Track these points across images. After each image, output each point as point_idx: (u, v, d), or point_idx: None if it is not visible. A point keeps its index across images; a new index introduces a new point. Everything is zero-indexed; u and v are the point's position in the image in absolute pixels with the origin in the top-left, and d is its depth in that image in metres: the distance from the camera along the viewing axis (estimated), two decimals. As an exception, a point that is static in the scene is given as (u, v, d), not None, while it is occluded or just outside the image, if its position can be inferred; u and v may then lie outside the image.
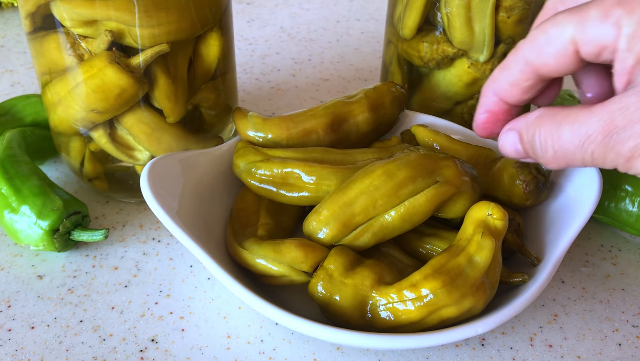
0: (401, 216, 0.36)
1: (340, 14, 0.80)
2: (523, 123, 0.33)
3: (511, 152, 0.34)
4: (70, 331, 0.38)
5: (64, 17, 0.38)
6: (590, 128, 0.29)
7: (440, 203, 0.37)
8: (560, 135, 0.30)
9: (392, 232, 0.37)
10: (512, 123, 0.34)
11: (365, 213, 0.36)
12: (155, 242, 0.45)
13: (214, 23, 0.43)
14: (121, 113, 0.41)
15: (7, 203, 0.42)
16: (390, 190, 0.36)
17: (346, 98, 0.45)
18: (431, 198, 0.36)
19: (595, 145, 0.28)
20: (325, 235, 0.36)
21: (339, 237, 0.36)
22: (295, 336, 0.38)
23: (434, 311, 0.33)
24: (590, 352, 0.38)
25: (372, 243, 0.37)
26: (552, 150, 0.31)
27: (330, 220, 0.36)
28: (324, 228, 0.36)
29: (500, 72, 0.34)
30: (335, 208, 0.36)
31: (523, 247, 0.38)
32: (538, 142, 0.31)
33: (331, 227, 0.36)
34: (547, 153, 0.31)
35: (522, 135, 0.33)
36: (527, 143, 0.32)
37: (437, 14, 0.46)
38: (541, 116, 0.31)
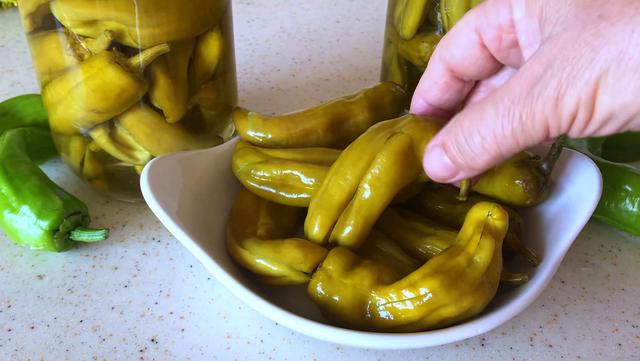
0: (371, 183, 0.35)
1: (340, 14, 0.80)
2: (443, 132, 0.32)
3: (439, 171, 0.32)
4: (70, 331, 0.38)
5: (64, 17, 0.38)
6: (512, 94, 0.27)
7: (404, 157, 0.35)
8: (484, 117, 0.28)
9: (373, 205, 0.36)
10: (432, 141, 0.33)
11: (340, 191, 0.36)
12: (155, 242, 0.45)
13: (214, 23, 0.43)
14: (121, 113, 0.41)
15: (7, 203, 0.42)
16: (354, 158, 0.36)
17: (346, 99, 0.45)
18: (389, 152, 0.35)
19: (521, 105, 0.27)
20: (316, 227, 0.37)
21: (327, 223, 0.36)
22: (295, 336, 0.38)
23: (434, 311, 0.33)
24: (590, 352, 0.38)
25: (363, 226, 0.36)
26: (480, 139, 0.29)
27: (315, 210, 0.37)
28: (314, 221, 0.37)
29: (424, 75, 0.36)
30: (317, 199, 0.37)
31: (523, 246, 0.38)
32: (462, 138, 0.30)
33: (317, 216, 0.36)
34: (476, 147, 0.29)
35: (445, 143, 0.31)
36: (453, 148, 0.31)
37: (437, 14, 0.46)
38: (460, 114, 0.30)
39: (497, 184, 0.40)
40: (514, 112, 0.27)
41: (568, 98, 0.25)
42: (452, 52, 0.34)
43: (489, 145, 0.29)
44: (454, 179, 0.32)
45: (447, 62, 0.34)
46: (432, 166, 0.33)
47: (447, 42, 0.34)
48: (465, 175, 0.32)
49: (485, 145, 0.29)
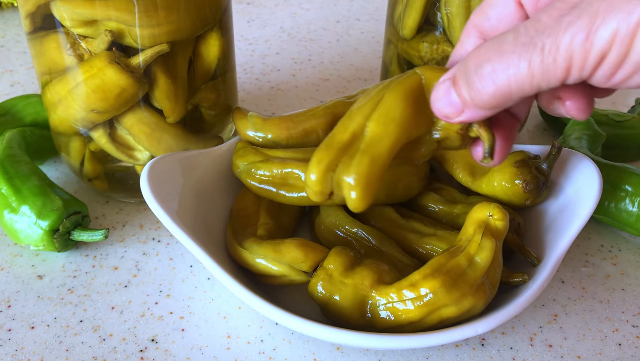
0: (378, 119, 0.32)
1: (340, 14, 0.80)
2: (457, 65, 0.29)
3: (443, 107, 0.29)
4: (70, 331, 0.38)
5: (64, 17, 0.38)
6: (538, 23, 0.24)
7: (414, 95, 0.32)
8: (502, 45, 0.25)
9: (382, 143, 0.31)
10: (444, 75, 0.30)
11: (343, 129, 0.32)
12: (155, 242, 0.45)
13: (214, 23, 0.43)
14: (121, 113, 0.41)
15: (7, 203, 0.42)
16: (363, 101, 0.33)
17: (346, 99, 0.45)
18: (398, 89, 0.32)
19: (546, 34, 0.24)
20: (313, 167, 0.32)
21: (326, 160, 0.31)
22: (295, 336, 0.38)
23: (434, 311, 0.33)
24: (590, 352, 0.38)
25: (370, 166, 0.31)
26: (491, 69, 0.26)
27: (314, 154, 0.32)
28: (311, 162, 0.32)
29: (455, 48, 0.33)
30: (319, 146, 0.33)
31: (523, 247, 0.38)
32: (472, 67, 0.27)
33: (315, 155, 0.32)
34: (484, 77, 0.26)
35: (455, 75, 0.28)
36: (461, 79, 0.28)
37: (437, 13, 0.46)
38: (481, 44, 0.27)
39: (497, 184, 0.40)
40: (537, 42, 0.24)
41: (603, 31, 0.22)
42: (488, 14, 0.31)
43: (497, 77, 0.26)
44: (458, 118, 0.29)
45: (480, 29, 0.31)
46: (437, 99, 0.30)
47: (482, 7, 0.31)
48: (469, 116, 0.29)
49: (494, 76, 0.26)
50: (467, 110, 0.29)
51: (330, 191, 0.32)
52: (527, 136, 0.57)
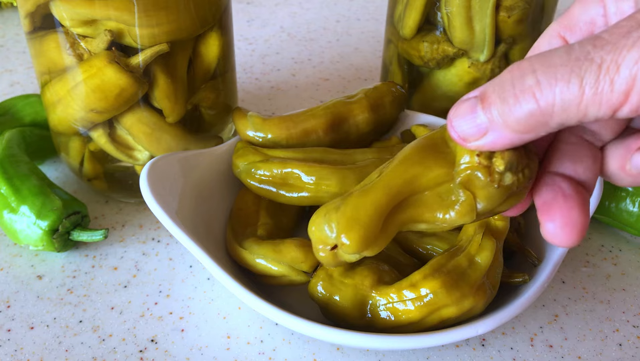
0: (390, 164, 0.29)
1: (341, 14, 0.80)
2: (490, 81, 0.24)
3: (464, 123, 0.24)
4: (69, 331, 0.38)
5: (64, 16, 0.38)
6: (597, 40, 0.20)
7: (425, 148, 0.28)
8: (552, 58, 0.21)
9: (373, 188, 0.29)
10: (473, 91, 0.25)
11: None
12: (154, 242, 0.45)
13: (213, 23, 0.43)
14: (121, 113, 0.41)
15: (6, 203, 0.42)
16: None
17: (346, 98, 0.45)
18: (411, 145, 0.29)
19: (606, 51, 0.20)
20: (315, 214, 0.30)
21: (323, 208, 0.30)
22: (295, 337, 0.38)
23: (434, 311, 0.33)
24: (591, 352, 0.38)
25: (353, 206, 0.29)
26: (534, 81, 0.21)
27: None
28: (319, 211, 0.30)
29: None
30: None
31: (524, 247, 0.38)
32: (510, 79, 0.22)
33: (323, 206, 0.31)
34: (523, 89, 0.21)
35: (486, 90, 0.23)
36: (493, 94, 0.23)
37: (438, 13, 0.46)
38: (519, 61, 0.23)
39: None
40: (594, 56, 0.20)
41: None
42: (573, 21, 0.26)
43: (541, 91, 0.21)
44: (476, 143, 0.24)
45: (561, 35, 0.27)
46: (457, 115, 0.24)
47: (568, 16, 0.26)
48: (492, 140, 0.24)
49: (537, 89, 0.21)
50: (492, 132, 0.23)
51: (334, 244, 0.29)
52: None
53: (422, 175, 0.28)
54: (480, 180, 0.26)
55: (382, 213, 0.28)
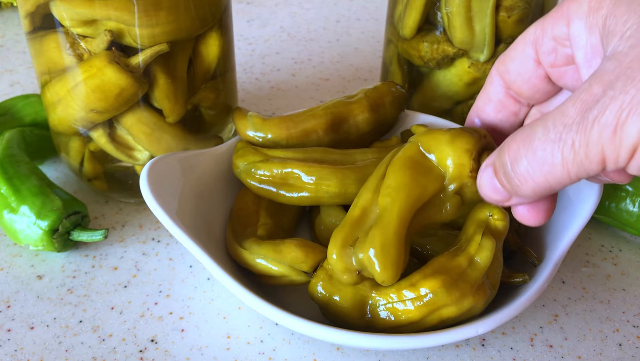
0: (383, 194, 0.33)
1: (341, 14, 0.80)
2: (494, 152, 0.29)
3: (491, 193, 0.30)
4: (69, 331, 0.38)
5: (64, 16, 0.38)
6: (565, 117, 0.24)
7: (414, 162, 0.34)
8: (533, 141, 0.25)
9: (390, 212, 0.33)
10: (486, 160, 0.30)
11: (353, 207, 0.34)
12: (154, 242, 0.45)
13: (213, 23, 0.43)
14: (121, 113, 0.41)
15: (6, 203, 0.42)
16: (369, 180, 0.35)
17: (346, 98, 0.45)
18: (397, 161, 0.34)
19: (574, 131, 0.23)
20: (332, 248, 0.33)
21: (340, 237, 0.33)
22: (295, 337, 0.38)
23: (434, 311, 0.33)
24: (591, 352, 0.38)
25: (382, 233, 0.32)
26: (526, 165, 0.26)
27: (334, 231, 0.33)
28: (331, 243, 0.33)
29: (480, 92, 0.34)
30: None
31: (523, 247, 0.38)
32: (508, 163, 0.27)
33: (334, 236, 0.33)
34: (521, 173, 0.26)
35: (496, 165, 0.28)
36: (501, 171, 0.28)
37: (438, 13, 0.46)
38: (512, 135, 0.28)
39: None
40: (566, 138, 0.24)
41: (630, 127, 0.22)
42: (508, 66, 0.31)
43: (534, 174, 0.26)
44: (508, 203, 0.30)
45: (502, 77, 0.32)
46: (484, 187, 0.30)
47: (504, 56, 0.32)
48: (519, 202, 0.29)
49: (531, 172, 0.26)
50: (515, 198, 0.29)
51: (357, 270, 0.32)
52: (527, 136, 0.57)
53: (422, 197, 0.33)
54: (469, 186, 0.33)
55: (403, 241, 0.32)
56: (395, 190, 0.32)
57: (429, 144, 0.33)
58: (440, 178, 0.33)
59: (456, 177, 0.33)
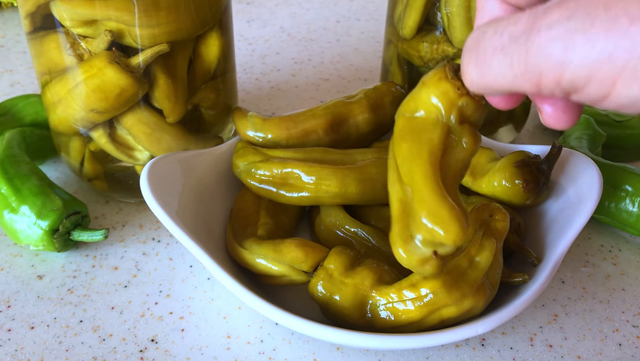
0: (404, 174, 0.31)
1: (340, 14, 0.80)
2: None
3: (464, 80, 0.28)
4: (70, 331, 0.38)
5: (64, 17, 0.38)
6: (515, 25, 0.23)
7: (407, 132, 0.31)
8: (480, 40, 0.24)
9: (416, 183, 0.30)
10: None
11: (393, 205, 0.31)
12: (155, 242, 0.45)
13: (213, 23, 0.43)
14: (121, 113, 0.41)
15: (6, 203, 0.42)
16: (389, 171, 0.33)
17: (346, 99, 0.45)
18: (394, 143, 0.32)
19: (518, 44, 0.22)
20: (393, 241, 0.31)
21: (397, 232, 0.30)
22: (295, 337, 0.38)
23: (434, 311, 0.33)
24: (591, 352, 0.38)
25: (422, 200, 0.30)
26: (469, 63, 0.25)
27: (390, 233, 0.31)
28: (393, 243, 0.31)
29: (477, 19, 0.31)
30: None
31: (523, 247, 0.38)
32: (462, 56, 0.26)
33: (390, 234, 0.31)
34: (468, 72, 0.25)
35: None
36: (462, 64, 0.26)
37: (437, 13, 0.46)
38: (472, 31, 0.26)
39: (498, 184, 0.40)
40: (507, 51, 0.23)
41: (576, 67, 0.21)
42: None
43: (477, 76, 0.25)
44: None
45: None
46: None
47: None
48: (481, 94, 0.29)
49: (474, 74, 0.25)
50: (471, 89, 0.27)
51: (431, 252, 0.29)
52: (527, 136, 0.57)
53: (435, 148, 0.30)
54: (466, 105, 0.30)
55: (446, 196, 0.29)
56: (408, 162, 0.30)
57: (410, 106, 0.31)
58: (438, 122, 0.30)
59: (448, 105, 0.30)
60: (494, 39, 0.24)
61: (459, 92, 0.29)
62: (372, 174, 0.40)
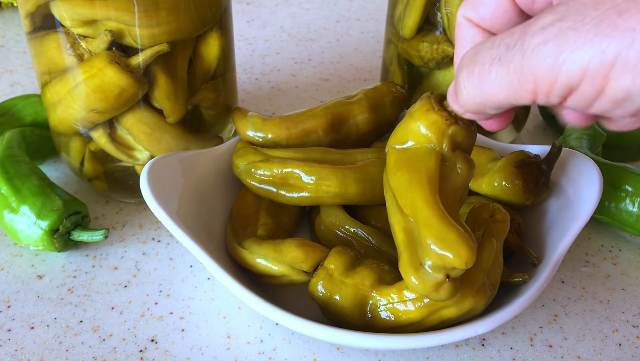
0: (401, 202, 0.32)
1: (340, 14, 0.80)
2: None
3: (452, 104, 0.30)
4: (70, 331, 0.38)
5: (64, 16, 0.38)
6: (511, 36, 0.23)
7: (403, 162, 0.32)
8: (479, 50, 0.25)
9: (419, 209, 0.31)
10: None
11: (396, 235, 0.33)
12: (155, 242, 0.45)
13: (213, 23, 0.43)
14: (121, 113, 0.41)
15: (7, 203, 0.42)
16: (388, 200, 0.34)
17: (346, 99, 0.45)
18: (388, 171, 0.33)
19: (513, 53, 0.23)
20: (403, 271, 0.31)
21: (406, 261, 0.31)
22: (295, 337, 0.38)
23: (435, 312, 0.33)
24: (591, 352, 0.38)
25: (430, 226, 0.31)
26: (466, 78, 0.25)
27: (399, 263, 0.32)
28: (403, 272, 0.31)
29: (456, 47, 0.32)
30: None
31: (523, 247, 0.38)
32: (457, 72, 0.27)
33: (399, 264, 0.31)
34: (463, 88, 0.26)
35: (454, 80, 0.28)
36: (453, 86, 0.28)
37: (437, 13, 0.46)
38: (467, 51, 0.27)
39: (498, 184, 0.40)
40: (504, 60, 0.23)
41: (570, 65, 0.21)
42: (481, 14, 0.29)
43: (472, 89, 0.25)
44: (466, 117, 0.29)
45: (475, 23, 0.30)
46: (449, 100, 0.30)
47: (472, 4, 0.30)
48: (473, 117, 0.29)
49: (469, 88, 0.26)
50: (468, 114, 0.28)
51: (444, 276, 0.30)
52: (527, 136, 0.57)
53: (431, 175, 0.31)
54: (456, 133, 0.31)
55: (451, 221, 0.30)
56: (408, 191, 0.31)
57: (400, 138, 0.32)
58: (431, 150, 0.31)
59: (438, 134, 0.31)
60: (491, 51, 0.24)
61: (448, 122, 0.31)
62: (372, 174, 0.40)
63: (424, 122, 0.31)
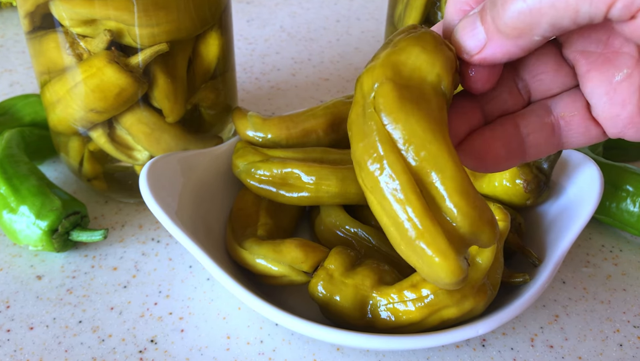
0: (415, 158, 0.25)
1: (341, 14, 0.80)
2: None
3: (466, 38, 0.25)
4: (69, 331, 0.38)
5: (63, 16, 0.38)
6: None
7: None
8: None
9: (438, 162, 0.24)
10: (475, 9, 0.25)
11: None
12: (154, 242, 0.45)
13: (213, 22, 0.43)
14: (120, 113, 0.41)
15: (5, 203, 0.42)
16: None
17: (346, 98, 0.45)
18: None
19: None
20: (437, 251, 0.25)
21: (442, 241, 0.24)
22: (295, 337, 0.38)
23: (435, 312, 0.33)
24: (591, 353, 0.38)
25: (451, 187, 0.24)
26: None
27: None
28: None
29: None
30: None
31: (524, 247, 0.38)
32: None
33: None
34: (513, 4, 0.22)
35: (483, 5, 0.24)
36: (490, 2, 0.23)
37: (438, 13, 0.46)
38: None
39: (498, 184, 0.40)
40: None
41: None
42: None
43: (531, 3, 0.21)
44: (479, 56, 0.24)
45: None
46: (460, 29, 0.25)
47: None
48: (491, 52, 0.24)
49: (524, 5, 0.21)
50: (490, 44, 0.24)
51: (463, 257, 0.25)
52: (527, 136, 0.57)
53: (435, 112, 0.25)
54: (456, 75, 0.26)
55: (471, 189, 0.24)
56: (430, 143, 0.24)
57: (402, 70, 0.25)
58: (443, 94, 0.25)
59: (449, 77, 0.25)
60: None
61: (458, 63, 0.25)
62: (372, 174, 0.40)
63: (440, 57, 0.25)
